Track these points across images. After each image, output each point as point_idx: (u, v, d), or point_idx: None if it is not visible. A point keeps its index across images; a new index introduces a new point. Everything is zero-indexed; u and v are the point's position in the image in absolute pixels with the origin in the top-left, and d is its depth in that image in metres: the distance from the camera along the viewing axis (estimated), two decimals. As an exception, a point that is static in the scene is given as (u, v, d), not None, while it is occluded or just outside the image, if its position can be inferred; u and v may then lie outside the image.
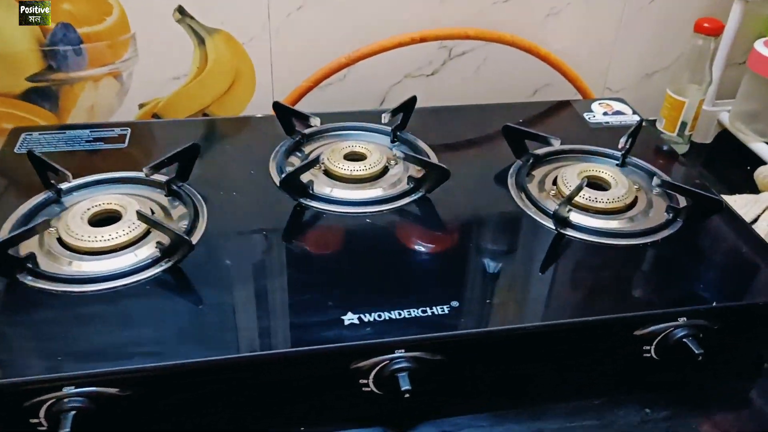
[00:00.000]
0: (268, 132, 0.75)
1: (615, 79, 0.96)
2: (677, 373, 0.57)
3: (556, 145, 0.69)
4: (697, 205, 0.63)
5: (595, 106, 0.84)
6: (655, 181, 0.64)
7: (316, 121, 0.72)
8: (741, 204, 0.77)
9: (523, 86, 0.94)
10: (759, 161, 0.87)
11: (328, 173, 0.68)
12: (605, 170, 0.69)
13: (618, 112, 0.83)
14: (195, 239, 0.59)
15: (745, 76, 0.88)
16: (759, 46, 0.84)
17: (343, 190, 0.66)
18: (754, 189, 0.84)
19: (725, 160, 0.92)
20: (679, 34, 0.93)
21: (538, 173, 0.71)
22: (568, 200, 0.62)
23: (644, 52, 0.95)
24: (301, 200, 0.64)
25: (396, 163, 0.70)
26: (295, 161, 0.72)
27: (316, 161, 0.65)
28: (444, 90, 0.91)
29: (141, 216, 0.57)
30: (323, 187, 0.66)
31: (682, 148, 0.91)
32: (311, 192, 0.65)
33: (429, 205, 0.65)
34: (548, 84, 0.94)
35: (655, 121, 0.94)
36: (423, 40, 0.80)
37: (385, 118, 0.72)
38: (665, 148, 0.78)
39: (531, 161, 0.71)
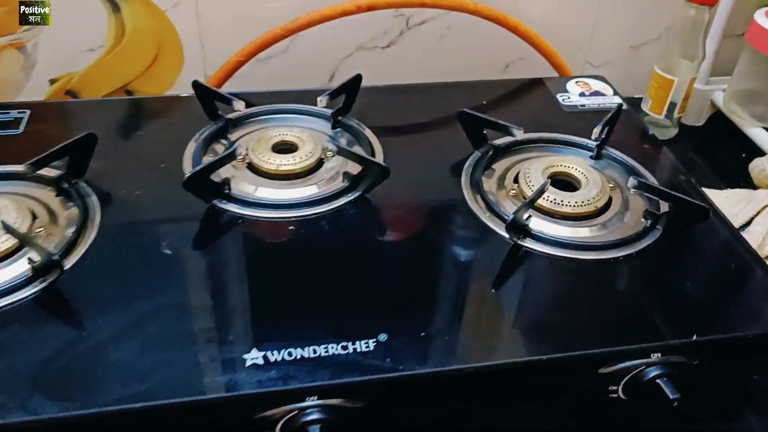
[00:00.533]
0: (192, 115, 0.65)
1: (597, 52, 0.86)
2: (649, 414, 0.49)
3: (519, 135, 0.60)
4: (679, 211, 0.54)
5: (570, 85, 0.75)
6: (632, 182, 0.55)
7: (239, 105, 0.62)
8: (733, 201, 0.68)
9: (492, 60, 0.84)
10: (756, 148, 0.78)
11: (252, 167, 0.59)
12: (576, 165, 0.60)
13: (596, 93, 0.74)
14: (80, 251, 0.50)
15: (743, 51, 0.78)
16: (759, 17, 0.74)
17: (269, 189, 0.57)
18: (749, 180, 0.76)
19: (719, 146, 0.83)
20: (671, 1, 0.83)
21: (499, 166, 0.62)
22: (528, 205, 0.53)
23: (631, 21, 0.84)
24: (215, 202, 0.55)
25: (333, 155, 0.61)
26: (220, 149, 0.63)
27: (231, 156, 0.56)
28: (402, 64, 0.81)
29: (5, 226, 0.48)
30: (245, 184, 0.57)
31: (670, 132, 0.82)
32: (228, 192, 0.56)
33: (365, 208, 0.56)
34: (522, 57, 0.84)
35: (641, 99, 0.85)
36: (371, 8, 0.70)
37: (322, 101, 0.63)
38: (651, 132, 0.69)
39: (491, 153, 0.62)
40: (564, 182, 0.59)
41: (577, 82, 0.75)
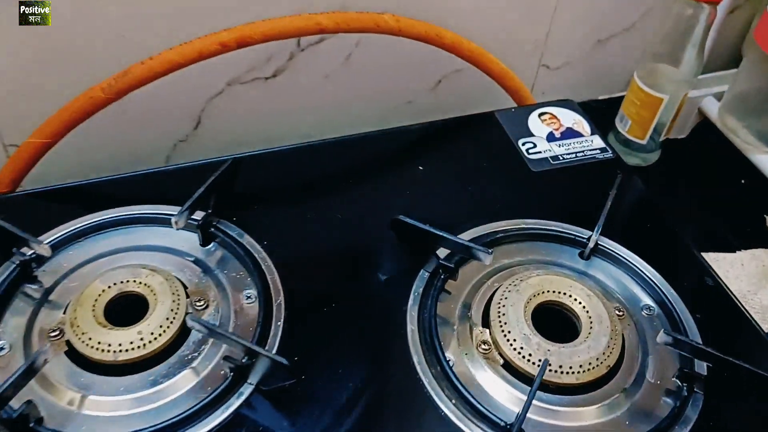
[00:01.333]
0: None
1: (555, 50, 0.67)
2: None
3: (487, 260, 0.41)
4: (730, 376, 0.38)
5: (533, 121, 0.56)
6: (662, 337, 0.38)
7: (42, 250, 0.40)
8: (752, 271, 0.54)
9: (419, 78, 0.64)
10: (757, 173, 0.63)
11: (74, 353, 0.38)
12: (569, 289, 0.42)
13: (570, 133, 0.55)
14: None
15: (745, 54, 0.61)
16: (774, 12, 0.57)
17: (103, 399, 0.37)
18: (755, 218, 0.61)
19: (710, 167, 0.67)
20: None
21: (457, 287, 0.44)
22: (528, 405, 0.35)
23: (597, 8, 0.65)
24: (12, 446, 0.34)
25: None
26: (36, 294, 0.41)
27: (29, 374, 0.34)
28: (295, 96, 0.60)
29: None
30: (63, 392, 0.37)
31: (652, 157, 0.65)
32: (35, 426, 0.35)
33: (261, 413, 0.37)
34: (458, 70, 0.64)
35: (609, 103, 0.67)
36: (242, 44, 0.47)
37: (178, 223, 0.41)
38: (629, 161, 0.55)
39: (443, 276, 0.43)
40: (552, 311, 0.42)
41: (541, 115, 0.57)
